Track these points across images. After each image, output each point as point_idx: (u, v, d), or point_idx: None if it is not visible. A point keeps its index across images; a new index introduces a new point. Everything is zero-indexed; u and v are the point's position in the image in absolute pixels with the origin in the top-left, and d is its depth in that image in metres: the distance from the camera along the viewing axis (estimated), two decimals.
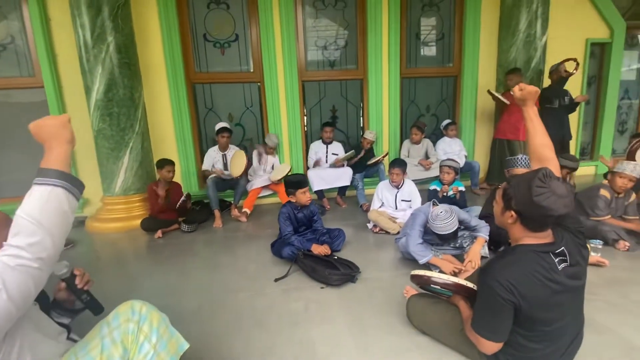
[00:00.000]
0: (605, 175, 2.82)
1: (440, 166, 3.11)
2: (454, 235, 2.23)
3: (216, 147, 3.83)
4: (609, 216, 2.61)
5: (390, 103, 4.40)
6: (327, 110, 4.46)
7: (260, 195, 3.88)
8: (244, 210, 3.65)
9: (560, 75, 3.99)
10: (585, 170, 5.16)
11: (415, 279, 1.56)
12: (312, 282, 2.18)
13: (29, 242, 0.80)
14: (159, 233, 3.21)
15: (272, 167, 3.96)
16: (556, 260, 1.10)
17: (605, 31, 4.80)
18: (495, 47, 4.50)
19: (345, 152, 4.01)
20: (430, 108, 4.74)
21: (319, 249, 2.34)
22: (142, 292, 2.15)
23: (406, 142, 4.33)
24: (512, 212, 1.13)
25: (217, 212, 3.51)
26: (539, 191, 1.03)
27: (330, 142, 4.04)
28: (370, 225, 3.16)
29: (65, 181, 0.88)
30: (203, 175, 3.94)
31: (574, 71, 3.89)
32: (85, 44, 3.19)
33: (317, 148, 4.07)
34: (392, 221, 2.98)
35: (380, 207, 3.14)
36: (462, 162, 4.18)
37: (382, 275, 2.25)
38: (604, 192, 2.63)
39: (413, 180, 3.27)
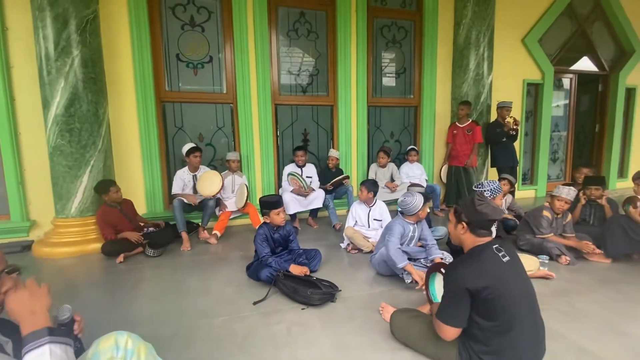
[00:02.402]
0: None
1: (408, 189, 3.33)
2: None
3: (185, 168, 3.69)
4: (552, 234, 2.96)
5: (358, 129, 4.65)
6: (299, 134, 4.58)
7: (231, 217, 3.81)
8: (214, 232, 3.54)
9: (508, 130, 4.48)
10: (527, 193, 5.79)
11: None
12: (292, 303, 2.17)
13: None
14: (120, 258, 3.00)
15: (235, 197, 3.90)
16: (500, 255, 1.38)
17: (538, 74, 5.58)
18: (450, 83, 5.01)
19: (318, 174, 4.15)
20: (394, 134, 5.08)
21: (297, 270, 2.36)
22: (110, 323, 1.98)
23: (373, 166, 4.57)
24: (463, 224, 1.47)
25: (184, 235, 3.36)
26: (479, 203, 1.45)
27: (304, 165, 4.13)
28: (343, 245, 3.25)
29: (59, 335, 0.85)
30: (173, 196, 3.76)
31: (514, 126, 4.42)
32: (47, 56, 3.03)
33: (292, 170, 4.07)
34: (366, 240, 3.09)
35: (354, 225, 3.25)
36: (424, 184, 4.51)
37: (360, 294, 2.31)
38: (546, 213, 2.99)
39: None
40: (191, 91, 4.08)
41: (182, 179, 3.65)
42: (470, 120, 4.53)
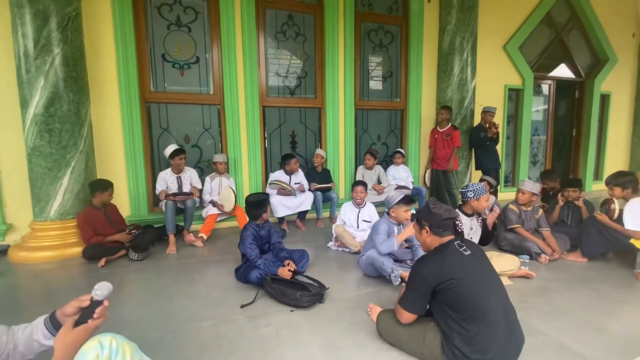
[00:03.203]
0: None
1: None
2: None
3: (169, 170, 3.62)
4: (519, 226, 3.10)
5: (346, 131, 4.69)
6: (287, 135, 4.58)
7: (217, 219, 3.76)
8: (200, 235, 3.50)
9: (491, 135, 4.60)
10: (509, 195, 5.94)
11: None
12: (280, 306, 2.17)
13: None
14: (102, 262, 2.92)
15: (219, 201, 3.80)
16: (461, 249, 1.53)
17: (518, 79, 5.77)
18: (435, 87, 5.12)
19: (306, 178, 4.16)
20: (381, 137, 5.14)
21: (285, 273, 2.35)
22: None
23: (360, 168, 4.62)
24: (426, 228, 1.64)
25: (172, 237, 3.31)
26: (432, 205, 1.67)
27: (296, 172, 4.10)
28: (330, 244, 3.28)
29: None
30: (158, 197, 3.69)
31: (496, 130, 4.53)
32: (26, 54, 2.93)
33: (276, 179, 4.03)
34: (354, 239, 3.12)
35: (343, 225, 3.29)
36: (410, 187, 4.59)
37: (348, 294, 2.33)
38: (512, 207, 3.19)
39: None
40: (177, 92, 4.02)
41: (164, 180, 3.57)
42: (450, 125, 4.64)
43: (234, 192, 3.69)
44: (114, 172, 3.63)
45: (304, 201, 3.94)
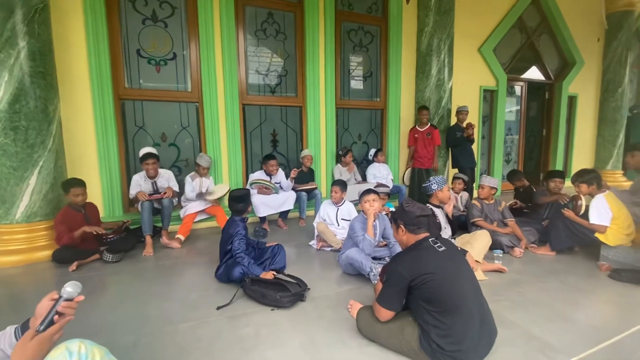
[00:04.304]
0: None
1: None
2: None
3: (143, 173, 3.44)
4: (481, 219, 3.27)
5: (327, 130, 4.71)
6: (268, 134, 4.54)
7: (196, 220, 3.68)
8: (177, 236, 3.41)
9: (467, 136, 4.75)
10: None
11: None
12: (260, 306, 2.15)
13: None
14: (73, 265, 2.79)
15: (207, 191, 3.79)
16: (435, 246, 1.58)
17: (492, 81, 5.97)
18: (414, 87, 5.23)
19: (286, 178, 4.12)
20: (361, 136, 5.19)
21: (268, 275, 2.32)
22: (63, 335, 1.84)
23: (338, 166, 4.64)
24: (401, 226, 1.70)
25: (148, 239, 3.21)
26: (405, 204, 1.73)
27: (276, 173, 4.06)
28: (312, 243, 3.29)
29: None
30: (133, 200, 3.56)
31: (472, 131, 4.66)
32: None
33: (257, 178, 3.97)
34: (335, 237, 3.14)
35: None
36: (390, 185, 4.66)
37: (329, 292, 2.34)
38: (474, 202, 3.39)
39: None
40: (153, 89, 3.90)
41: (139, 185, 3.40)
42: (429, 124, 4.75)
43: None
44: (86, 172, 3.48)
45: (286, 200, 3.92)
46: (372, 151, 4.86)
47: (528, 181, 4.30)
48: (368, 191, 2.67)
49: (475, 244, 2.79)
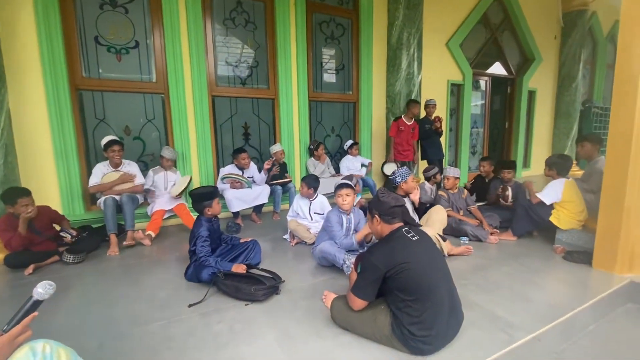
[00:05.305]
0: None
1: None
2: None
3: (106, 162, 3.30)
4: (450, 209, 3.44)
5: (300, 123, 4.67)
6: (240, 127, 4.44)
7: (165, 217, 3.54)
8: (147, 232, 3.26)
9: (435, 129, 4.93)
10: None
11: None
12: (234, 301, 2.12)
13: None
14: (30, 269, 2.60)
15: (174, 185, 3.65)
16: (409, 235, 1.62)
17: (459, 75, 6.19)
18: (385, 81, 5.30)
19: (260, 172, 4.07)
20: (334, 129, 5.21)
21: (240, 268, 2.29)
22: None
23: (311, 160, 4.63)
24: (376, 216, 1.72)
25: (113, 237, 3.04)
26: (380, 195, 1.75)
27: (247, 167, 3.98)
28: (286, 236, 3.28)
29: None
30: (93, 194, 3.36)
31: (440, 125, 4.88)
32: None
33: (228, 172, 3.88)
34: (308, 232, 3.15)
35: (296, 217, 3.29)
36: (363, 175, 4.75)
37: (303, 284, 2.35)
38: (441, 193, 3.56)
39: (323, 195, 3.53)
40: (114, 79, 3.68)
41: (101, 171, 3.25)
42: (414, 120, 4.84)
43: (190, 182, 3.51)
44: (40, 168, 3.25)
45: (260, 194, 3.86)
46: (349, 142, 4.86)
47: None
48: (341, 186, 2.68)
49: (433, 216, 3.06)
